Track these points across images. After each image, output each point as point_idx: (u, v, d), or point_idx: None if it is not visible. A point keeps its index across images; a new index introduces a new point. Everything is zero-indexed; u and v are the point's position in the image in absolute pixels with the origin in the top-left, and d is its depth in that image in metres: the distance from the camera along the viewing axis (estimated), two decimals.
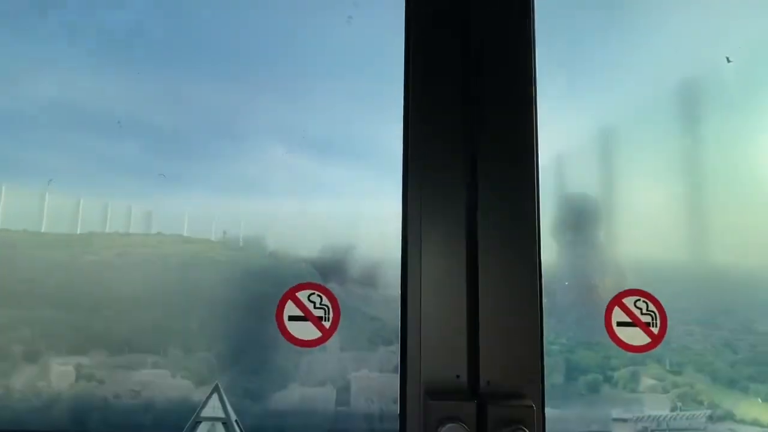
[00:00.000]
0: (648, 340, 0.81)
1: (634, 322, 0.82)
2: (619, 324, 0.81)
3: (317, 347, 0.79)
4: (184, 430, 0.78)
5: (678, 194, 0.91)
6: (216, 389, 0.79)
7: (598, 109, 0.93)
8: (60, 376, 0.78)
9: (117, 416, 0.78)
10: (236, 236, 0.86)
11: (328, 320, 0.79)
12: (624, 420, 0.83)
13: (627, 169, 0.91)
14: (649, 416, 0.82)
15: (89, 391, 0.78)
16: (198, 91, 0.91)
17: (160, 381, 0.79)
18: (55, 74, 0.91)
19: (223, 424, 0.78)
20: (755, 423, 0.83)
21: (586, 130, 0.92)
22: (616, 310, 0.82)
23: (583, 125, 0.92)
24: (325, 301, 0.80)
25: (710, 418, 0.83)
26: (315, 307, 0.80)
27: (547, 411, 0.75)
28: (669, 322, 0.81)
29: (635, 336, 0.81)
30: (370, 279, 0.84)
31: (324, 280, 0.81)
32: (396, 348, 0.78)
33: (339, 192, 0.90)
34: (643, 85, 0.92)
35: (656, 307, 0.82)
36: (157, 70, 0.92)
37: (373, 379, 0.79)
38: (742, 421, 0.82)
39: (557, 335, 0.83)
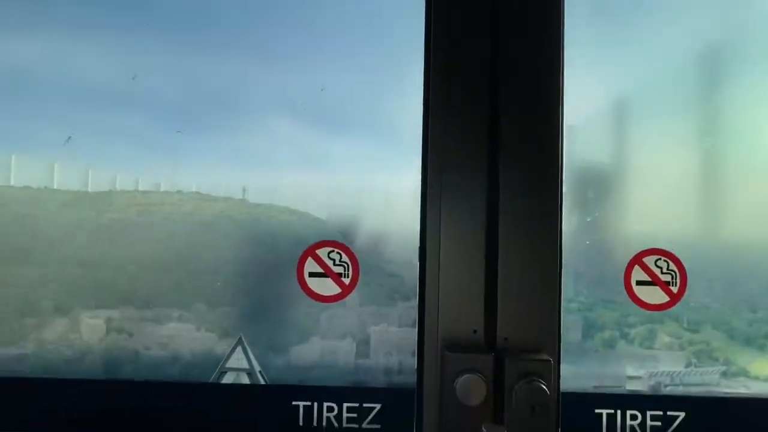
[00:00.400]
0: (667, 298, 0.82)
1: (654, 281, 0.82)
2: (639, 283, 0.82)
3: (337, 302, 0.81)
4: (211, 378, 0.82)
5: (702, 158, 0.90)
6: (240, 342, 0.82)
7: (621, 74, 0.90)
8: (91, 329, 0.81)
9: (147, 367, 0.82)
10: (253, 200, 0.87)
11: (348, 277, 0.81)
12: (638, 376, 0.85)
13: (652, 133, 0.89)
14: (663, 372, 0.84)
15: (119, 344, 0.82)
16: (204, 62, 0.89)
17: (186, 334, 0.82)
18: (56, 45, 0.89)
19: (248, 374, 0.81)
20: None
21: (609, 94, 0.90)
22: (636, 269, 0.82)
23: (605, 89, 0.89)
24: (345, 258, 0.81)
25: (724, 374, 0.84)
26: (335, 264, 0.81)
27: (562, 367, 0.77)
28: (689, 282, 0.81)
29: (654, 294, 0.82)
30: (388, 237, 0.84)
31: (343, 239, 0.82)
32: (414, 304, 0.79)
33: (354, 158, 0.89)
34: (668, 50, 0.89)
35: (677, 267, 0.82)
36: (162, 39, 0.90)
37: (391, 333, 0.82)
38: (756, 378, 0.84)
39: (576, 293, 0.84)
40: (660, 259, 0.83)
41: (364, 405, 0.79)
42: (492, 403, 0.72)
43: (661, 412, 0.80)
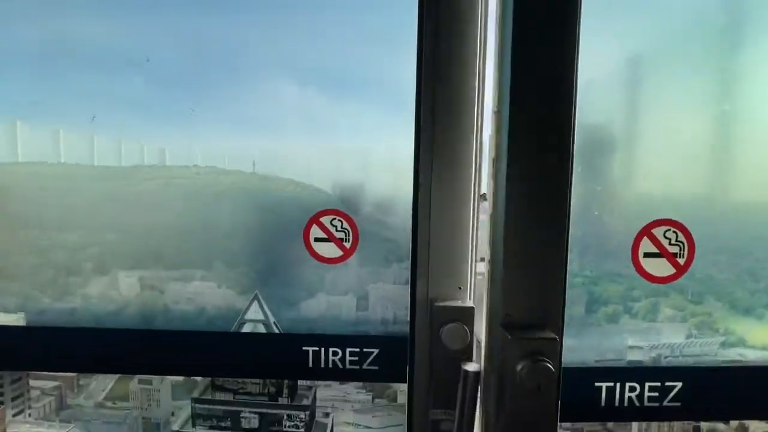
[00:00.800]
0: (673, 270, 0.81)
1: (661, 253, 0.81)
2: (646, 255, 0.81)
3: (340, 264, 0.92)
4: (232, 328, 0.95)
5: (711, 125, 0.86)
6: (256, 297, 0.94)
7: (630, 35, 0.84)
8: (128, 286, 0.94)
9: (177, 318, 0.95)
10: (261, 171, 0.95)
11: (349, 241, 0.91)
12: (639, 347, 0.86)
13: (659, 98, 0.85)
14: (663, 344, 0.86)
15: (152, 299, 0.94)
16: (208, 27, 0.91)
17: (209, 291, 0.94)
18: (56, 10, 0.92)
19: (264, 324, 0.94)
20: (765, 347, 0.87)
21: (617, 57, 0.86)
22: (645, 240, 0.81)
23: (613, 51, 0.85)
24: (346, 225, 0.91)
25: (723, 344, 0.86)
26: (337, 230, 0.91)
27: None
28: (696, 253, 0.81)
29: (660, 266, 0.81)
30: (385, 206, 0.94)
31: (345, 208, 0.91)
32: (407, 265, 0.90)
33: (353, 129, 0.95)
34: (678, 11, 0.84)
35: (685, 237, 0.81)
36: (166, 5, 0.92)
37: (387, 290, 0.93)
38: (753, 347, 0.87)
39: (581, 267, 0.84)
40: (669, 230, 0.80)
41: (364, 350, 0.92)
42: (471, 347, 0.84)
43: (659, 383, 0.81)
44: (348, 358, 0.92)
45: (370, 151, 0.95)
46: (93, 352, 0.93)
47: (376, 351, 0.92)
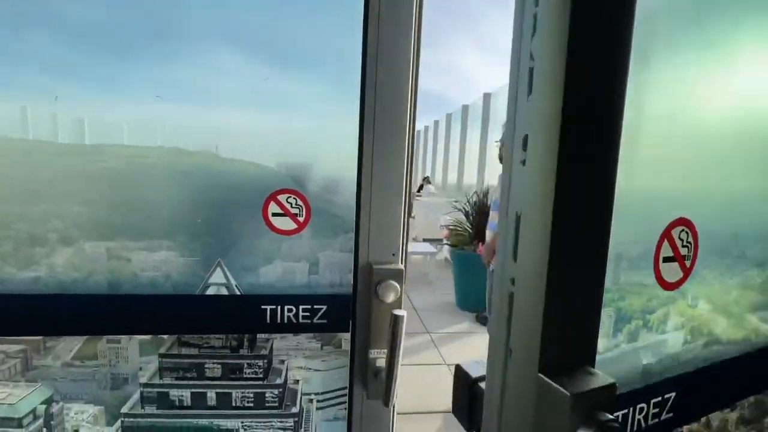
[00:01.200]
0: (681, 275, 0.71)
1: (675, 257, 0.69)
2: (665, 260, 0.68)
3: (294, 236, 1.09)
4: (197, 291, 1.08)
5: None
6: (219, 264, 1.08)
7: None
8: (94, 256, 1.02)
9: (144, 284, 1.06)
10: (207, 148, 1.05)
11: (302, 216, 1.08)
12: (651, 363, 0.72)
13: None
14: (666, 355, 0.74)
15: (120, 267, 1.04)
16: None
17: (174, 260, 1.06)
18: None
19: (226, 287, 1.09)
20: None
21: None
22: (665, 244, 0.68)
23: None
24: (300, 202, 1.08)
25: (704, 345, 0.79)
26: (292, 207, 1.08)
27: None
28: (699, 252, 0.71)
29: (671, 272, 0.69)
30: (333, 185, 1.11)
31: (298, 187, 1.08)
32: (352, 236, 1.10)
33: (300, 105, 1.05)
34: None
35: (693, 237, 0.70)
36: None
37: (335, 257, 1.12)
38: (728, 343, 0.82)
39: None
40: (683, 230, 0.69)
41: (315, 306, 1.11)
42: (401, 299, 1.07)
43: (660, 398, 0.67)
44: (301, 314, 1.10)
45: (318, 130, 1.09)
46: (60, 316, 1.01)
47: (324, 307, 1.11)
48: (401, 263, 1.09)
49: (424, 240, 8.88)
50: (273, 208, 1.07)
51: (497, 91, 12.58)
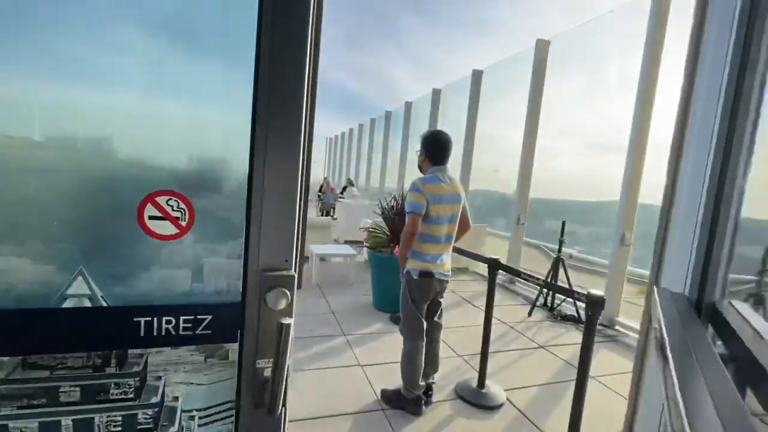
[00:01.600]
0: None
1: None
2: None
3: (175, 241, 1.00)
4: (51, 305, 0.93)
5: None
6: (80, 272, 0.95)
7: None
8: None
9: None
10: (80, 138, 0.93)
11: (185, 220, 1.00)
12: None
13: None
14: None
15: None
16: None
17: (23, 266, 0.91)
18: None
19: (89, 298, 0.96)
20: None
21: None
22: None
23: None
24: (182, 205, 0.99)
25: None
26: (173, 210, 0.99)
27: None
28: None
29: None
30: (221, 186, 1.05)
31: (181, 189, 0.99)
32: (241, 241, 1.04)
33: (191, 91, 0.98)
34: None
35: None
36: None
37: (222, 263, 1.05)
38: None
39: None
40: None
41: (198, 317, 1.03)
42: (291, 307, 1.05)
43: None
44: (182, 325, 1.01)
45: (208, 125, 1.01)
46: None
47: (209, 317, 1.04)
48: (293, 270, 1.07)
49: (346, 242, 8.87)
50: (150, 210, 0.97)
51: (417, 100, 13.29)
